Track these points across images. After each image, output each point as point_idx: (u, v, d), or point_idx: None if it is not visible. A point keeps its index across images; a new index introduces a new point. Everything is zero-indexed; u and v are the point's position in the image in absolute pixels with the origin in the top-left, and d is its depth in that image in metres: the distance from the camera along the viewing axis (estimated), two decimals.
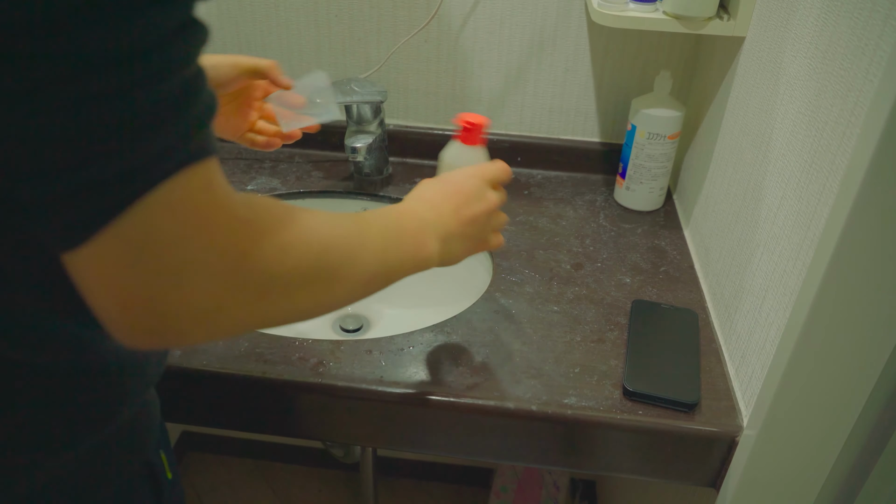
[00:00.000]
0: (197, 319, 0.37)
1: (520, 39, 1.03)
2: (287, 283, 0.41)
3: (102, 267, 0.34)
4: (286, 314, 0.43)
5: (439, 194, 0.59)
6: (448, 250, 0.58)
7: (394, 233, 0.53)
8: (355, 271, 0.47)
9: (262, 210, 0.40)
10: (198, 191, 0.36)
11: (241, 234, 0.38)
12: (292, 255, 0.41)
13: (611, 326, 0.79)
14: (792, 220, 0.63)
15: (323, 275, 0.44)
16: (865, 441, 0.60)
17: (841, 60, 0.56)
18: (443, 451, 0.75)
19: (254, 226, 0.39)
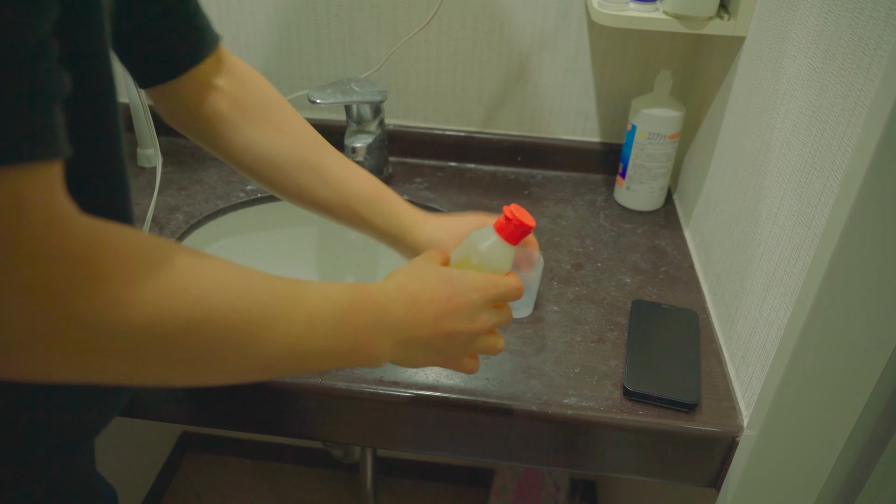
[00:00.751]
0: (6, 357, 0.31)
1: (520, 39, 1.03)
2: (132, 346, 0.33)
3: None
4: (130, 378, 0.35)
5: (428, 293, 0.50)
6: (406, 356, 0.50)
7: (331, 321, 0.44)
8: (247, 353, 0.39)
9: (120, 249, 0.32)
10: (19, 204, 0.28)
11: (60, 272, 0.30)
12: (143, 313, 0.33)
13: (611, 326, 0.79)
14: (792, 220, 0.63)
15: (193, 347, 0.36)
16: (866, 441, 0.60)
17: (842, 60, 0.56)
18: (443, 451, 0.75)
19: (88, 265, 0.31)
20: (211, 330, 0.36)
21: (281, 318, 0.41)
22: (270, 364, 0.41)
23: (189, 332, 0.35)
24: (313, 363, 0.44)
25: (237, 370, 0.40)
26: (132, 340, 0.33)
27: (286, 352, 0.41)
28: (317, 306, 0.43)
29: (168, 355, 0.35)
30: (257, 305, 0.39)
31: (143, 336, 0.33)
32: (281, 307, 0.41)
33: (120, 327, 0.32)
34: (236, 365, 0.39)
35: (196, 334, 0.36)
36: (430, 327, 0.49)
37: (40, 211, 0.29)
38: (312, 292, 0.44)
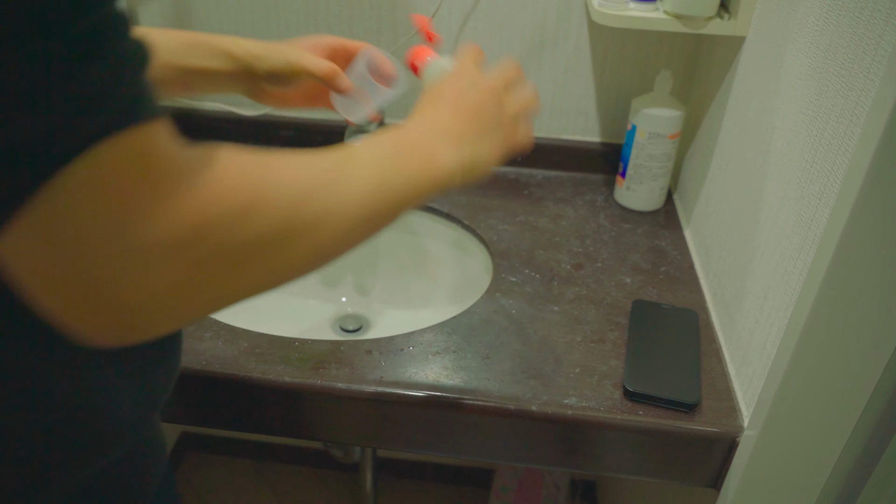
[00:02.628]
0: (157, 309, 0.32)
1: (520, 39, 1.03)
2: (259, 248, 0.35)
3: (28, 260, 0.30)
4: (266, 281, 0.38)
5: (428, 104, 0.52)
6: (470, 154, 0.50)
7: (391, 154, 0.45)
8: (344, 211, 0.40)
9: (222, 168, 0.34)
10: (129, 161, 0.30)
11: (193, 204, 0.32)
12: (262, 215, 0.35)
13: (611, 326, 0.79)
14: (793, 220, 0.63)
15: (303, 227, 0.38)
16: (866, 441, 0.60)
17: (842, 60, 0.56)
18: (443, 452, 0.75)
19: (210, 189, 0.33)
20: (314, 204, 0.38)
21: (357, 171, 0.42)
22: (369, 216, 0.42)
23: (298, 214, 0.37)
24: (403, 199, 0.45)
25: (349, 232, 0.41)
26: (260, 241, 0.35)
27: (376, 198, 0.42)
28: (371, 152, 0.45)
29: (290, 243, 0.37)
30: (335, 169, 0.41)
31: (268, 233, 0.35)
32: (351, 163, 0.43)
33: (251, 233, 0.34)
34: (345, 227, 0.40)
35: (305, 213, 0.38)
36: (457, 117, 0.51)
37: (163, 154, 0.31)
38: (358, 148, 0.45)
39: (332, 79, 0.65)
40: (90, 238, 0.29)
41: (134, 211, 0.30)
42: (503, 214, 0.99)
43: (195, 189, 0.32)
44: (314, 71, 0.65)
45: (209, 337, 0.76)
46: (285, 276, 0.39)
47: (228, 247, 0.34)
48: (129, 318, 0.32)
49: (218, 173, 0.34)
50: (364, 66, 0.69)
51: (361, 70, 0.69)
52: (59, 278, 0.30)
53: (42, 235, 0.29)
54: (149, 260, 0.31)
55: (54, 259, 0.29)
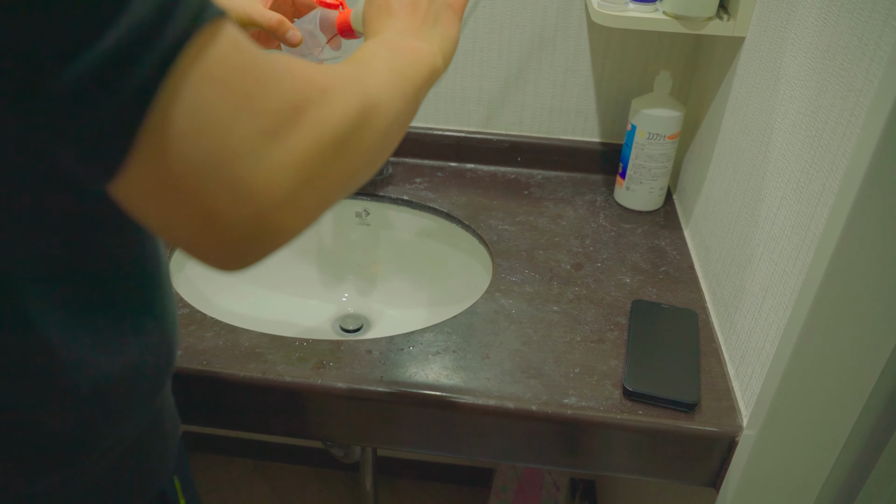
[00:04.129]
0: (290, 200, 0.33)
1: (520, 39, 1.03)
2: (350, 127, 0.37)
3: (159, 183, 0.29)
4: (363, 160, 0.39)
5: (373, 21, 0.56)
6: (438, 39, 0.54)
7: (388, 53, 0.49)
8: (389, 96, 0.43)
9: (289, 61, 0.36)
10: (219, 54, 0.30)
11: (288, 87, 0.33)
12: (339, 97, 0.37)
13: (611, 326, 0.79)
14: (792, 220, 0.63)
15: (370, 107, 0.40)
16: (865, 441, 0.60)
17: (841, 60, 0.56)
18: (443, 451, 0.75)
19: (293, 77, 0.34)
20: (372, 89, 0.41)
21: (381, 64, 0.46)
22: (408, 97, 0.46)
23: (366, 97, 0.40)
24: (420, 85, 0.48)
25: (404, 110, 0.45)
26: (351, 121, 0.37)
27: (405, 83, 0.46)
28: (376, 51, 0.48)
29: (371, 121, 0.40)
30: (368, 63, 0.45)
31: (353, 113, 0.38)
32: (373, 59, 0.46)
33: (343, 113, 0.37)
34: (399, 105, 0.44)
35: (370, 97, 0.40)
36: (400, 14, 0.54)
37: (249, 43, 0.32)
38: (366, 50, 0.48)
39: (278, 30, 0.66)
40: (220, 126, 0.30)
41: (244, 97, 0.31)
42: (503, 214, 0.99)
43: (285, 74, 0.34)
44: (260, 21, 0.66)
45: (209, 337, 0.76)
46: (375, 154, 0.41)
47: (328, 125, 0.35)
48: (266, 218, 0.32)
49: (291, 63, 0.35)
50: (317, 19, 0.69)
51: (314, 23, 0.69)
52: (194, 185, 0.30)
53: (175, 136, 0.29)
54: (275, 146, 0.32)
55: (188, 163, 0.29)
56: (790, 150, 0.65)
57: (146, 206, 0.31)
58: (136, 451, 0.47)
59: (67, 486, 0.43)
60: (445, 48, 0.54)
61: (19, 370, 0.38)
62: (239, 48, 0.31)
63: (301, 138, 0.33)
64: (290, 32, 0.67)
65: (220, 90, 0.30)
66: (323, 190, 0.36)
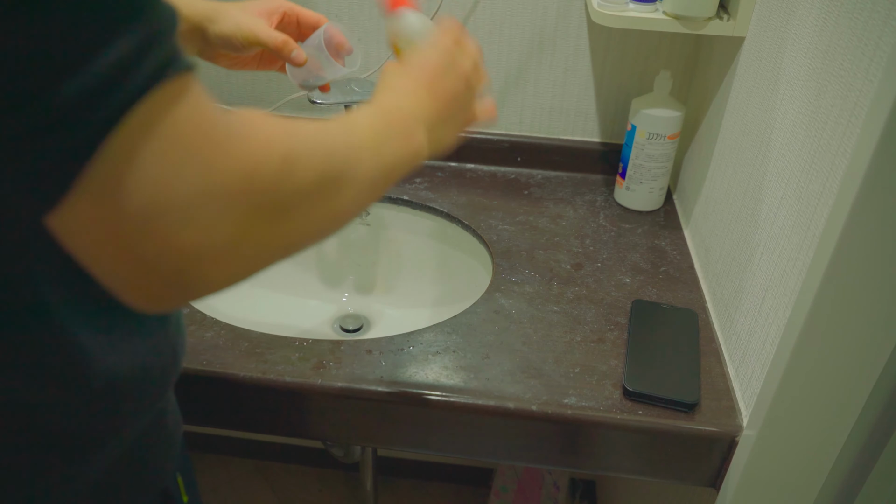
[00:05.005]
0: (216, 258, 0.33)
1: (520, 39, 1.03)
2: (301, 196, 0.37)
3: (94, 220, 0.30)
4: (305, 232, 0.39)
5: (408, 79, 0.54)
6: (436, 138, 0.53)
7: (383, 129, 0.48)
8: (359, 173, 0.43)
9: (256, 122, 0.36)
10: (178, 108, 0.31)
11: (242, 151, 0.34)
12: (299, 166, 0.37)
13: (611, 326, 0.80)
14: (792, 221, 0.63)
15: (331, 181, 0.40)
16: (865, 441, 0.60)
17: (841, 60, 0.56)
18: (443, 451, 0.75)
19: (252, 140, 0.34)
20: (336, 161, 0.41)
21: (361, 139, 0.45)
22: (372, 181, 0.45)
23: (326, 168, 0.40)
24: (392, 171, 0.47)
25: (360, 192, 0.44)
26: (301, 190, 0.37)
27: (376, 166, 0.45)
28: (367, 124, 0.47)
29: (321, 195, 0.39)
30: (345, 134, 0.44)
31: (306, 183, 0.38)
32: (355, 132, 0.45)
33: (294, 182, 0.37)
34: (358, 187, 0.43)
35: (331, 168, 0.40)
36: (434, 101, 0.53)
37: (206, 104, 0.33)
38: (355, 117, 0.48)
39: (283, 49, 0.67)
40: (153, 184, 0.30)
41: (193, 155, 0.31)
42: (503, 214, 0.99)
43: (242, 138, 0.34)
44: (266, 42, 0.66)
45: (209, 337, 0.76)
46: (320, 229, 0.41)
47: (276, 194, 0.35)
48: (188, 273, 0.33)
49: (256, 125, 0.35)
50: (321, 40, 0.69)
51: (318, 43, 0.69)
52: (121, 234, 0.31)
53: (109, 189, 0.29)
54: (207, 206, 0.32)
55: (118, 214, 0.30)
56: (790, 150, 0.65)
57: (76, 241, 0.32)
58: (140, 449, 0.48)
59: (71, 482, 0.43)
60: (439, 147, 0.54)
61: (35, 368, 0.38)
62: (198, 106, 0.32)
63: (242, 202, 0.33)
64: (295, 52, 0.67)
65: (168, 144, 0.31)
66: (257, 253, 0.36)
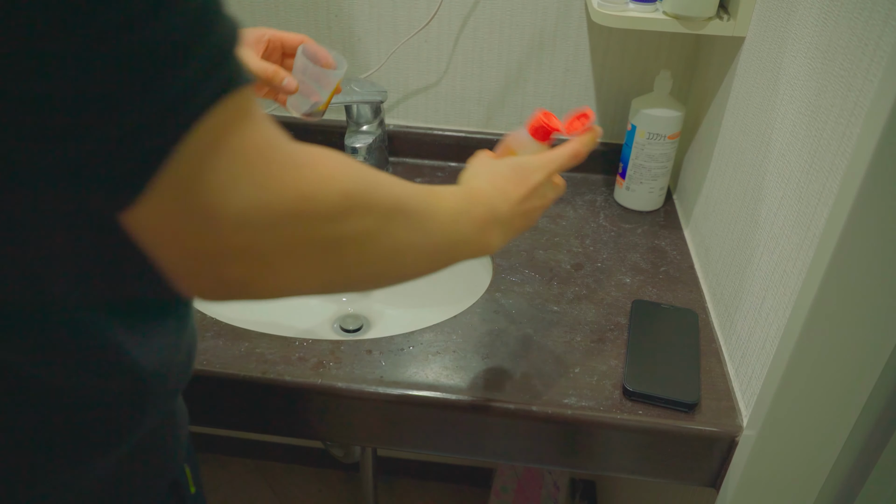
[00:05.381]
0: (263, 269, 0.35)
1: (520, 39, 1.03)
2: (356, 236, 0.39)
3: (161, 219, 0.33)
4: (357, 274, 0.40)
5: (511, 183, 0.58)
6: (505, 239, 0.57)
7: (463, 211, 0.50)
8: (423, 240, 0.44)
9: (320, 156, 0.37)
10: (243, 121, 0.33)
11: (296, 177, 0.35)
12: (361, 208, 0.38)
13: (611, 326, 0.79)
14: (792, 220, 0.63)
15: (392, 236, 0.41)
16: (865, 441, 0.60)
17: (841, 60, 0.56)
18: (443, 451, 0.75)
19: (309, 170, 0.36)
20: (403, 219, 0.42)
21: (438, 209, 0.46)
22: (433, 252, 0.46)
23: (390, 221, 0.41)
24: (456, 252, 0.50)
25: (419, 259, 0.45)
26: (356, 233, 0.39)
27: (444, 240, 0.47)
28: (451, 200, 0.49)
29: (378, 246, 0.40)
30: (423, 198, 0.45)
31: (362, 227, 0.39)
32: (434, 200, 0.46)
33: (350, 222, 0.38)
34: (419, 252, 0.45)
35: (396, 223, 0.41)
36: (518, 211, 0.57)
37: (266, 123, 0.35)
38: (441, 190, 0.49)
39: (274, 80, 0.69)
40: (213, 192, 0.33)
41: (250, 170, 0.33)
42: None
43: (299, 165, 0.36)
44: (257, 73, 0.68)
45: (210, 336, 0.76)
46: (376, 276, 0.42)
47: (330, 225, 0.37)
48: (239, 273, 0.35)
49: (319, 159, 0.37)
50: (304, 59, 0.71)
51: (304, 63, 0.71)
52: (182, 233, 0.33)
53: (175, 194, 0.32)
54: (260, 218, 0.34)
55: (182, 215, 0.33)
56: (790, 150, 0.65)
57: (146, 235, 0.34)
58: (154, 441, 0.49)
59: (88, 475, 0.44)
60: (496, 246, 0.56)
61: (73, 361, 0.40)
62: (260, 124, 0.34)
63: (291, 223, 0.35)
64: (286, 80, 0.70)
65: (230, 156, 0.33)
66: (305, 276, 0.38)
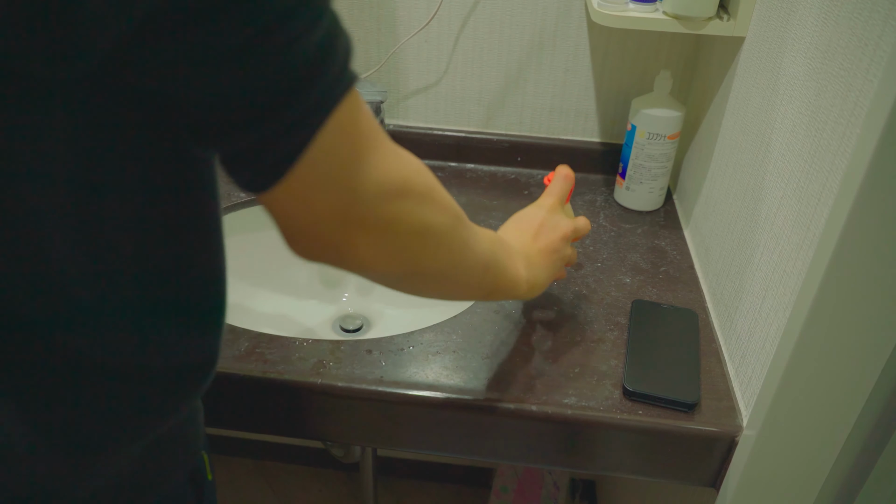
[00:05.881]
0: (366, 237, 0.41)
1: (520, 39, 1.03)
2: (437, 228, 0.45)
3: (297, 196, 0.38)
4: (431, 267, 0.47)
5: (521, 226, 0.68)
6: (533, 276, 0.64)
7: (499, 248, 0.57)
8: (479, 253, 0.52)
9: (408, 152, 0.44)
10: (357, 113, 0.39)
11: (400, 162, 0.42)
12: (438, 202, 0.45)
13: (611, 326, 0.79)
14: (792, 220, 0.63)
15: (460, 238, 0.48)
16: (865, 441, 0.60)
17: (841, 60, 0.56)
18: (443, 451, 0.75)
19: (409, 160, 0.43)
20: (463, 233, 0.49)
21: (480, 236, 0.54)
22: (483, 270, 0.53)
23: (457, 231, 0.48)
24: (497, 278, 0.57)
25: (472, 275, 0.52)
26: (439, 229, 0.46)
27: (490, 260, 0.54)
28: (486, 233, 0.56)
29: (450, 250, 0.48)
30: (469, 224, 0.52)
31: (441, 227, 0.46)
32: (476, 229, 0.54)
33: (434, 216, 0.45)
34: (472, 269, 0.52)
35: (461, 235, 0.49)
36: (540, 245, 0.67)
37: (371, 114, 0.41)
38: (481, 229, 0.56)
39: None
40: (341, 169, 0.39)
41: (366, 151, 0.40)
42: (503, 214, 0.99)
43: (399, 155, 0.43)
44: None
45: None
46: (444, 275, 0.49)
47: (421, 208, 0.44)
48: (349, 239, 0.41)
49: (408, 154, 0.44)
50: None
51: None
52: (315, 206, 0.39)
53: (312, 174, 0.38)
54: (372, 194, 0.40)
55: (316, 191, 0.38)
56: (790, 150, 0.65)
57: (278, 207, 0.40)
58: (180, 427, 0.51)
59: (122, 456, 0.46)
60: (532, 287, 0.64)
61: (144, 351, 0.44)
62: (368, 116, 0.40)
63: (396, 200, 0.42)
64: None
65: (352, 143, 0.39)
66: (395, 252, 0.43)
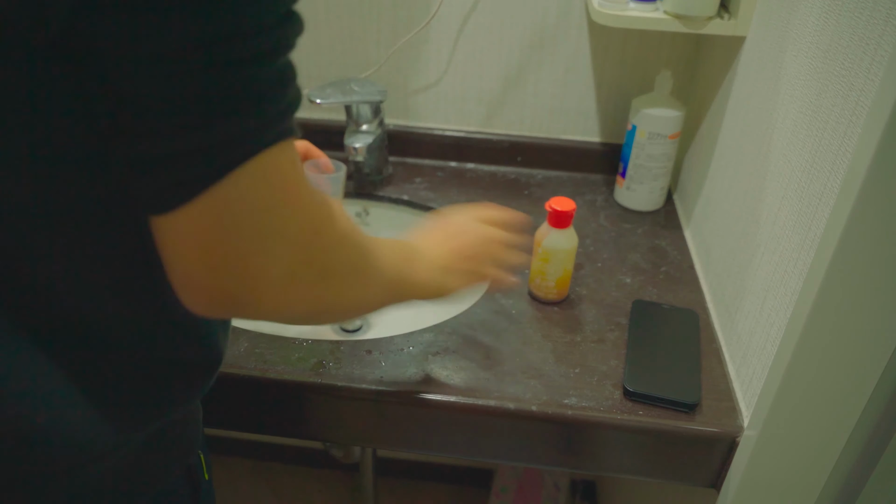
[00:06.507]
0: (270, 287, 0.40)
1: (520, 39, 1.03)
2: (342, 270, 0.45)
3: (195, 229, 0.36)
4: (338, 303, 0.46)
5: (428, 231, 0.66)
6: (438, 279, 0.61)
7: (398, 252, 0.57)
8: (383, 275, 0.51)
9: (325, 197, 0.43)
10: (287, 164, 0.38)
11: (317, 213, 0.41)
12: (347, 245, 0.45)
13: (611, 326, 0.79)
14: (793, 221, 0.63)
15: (364, 270, 0.48)
16: (866, 442, 0.60)
17: (842, 60, 0.56)
18: (443, 451, 0.75)
19: (324, 208, 0.42)
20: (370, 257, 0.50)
21: (384, 250, 0.54)
22: (390, 285, 0.53)
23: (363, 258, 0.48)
24: (404, 288, 0.56)
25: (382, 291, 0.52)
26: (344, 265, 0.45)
27: (394, 276, 0.54)
28: (388, 243, 0.56)
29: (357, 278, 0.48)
30: (374, 241, 0.52)
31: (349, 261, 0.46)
32: (379, 243, 0.54)
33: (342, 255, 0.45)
34: (381, 285, 0.52)
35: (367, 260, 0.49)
36: (442, 248, 0.63)
37: (300, 168, 0.40)
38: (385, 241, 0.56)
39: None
40: (251, 215, 0.37)
41: (284, 203, 0.38)
42: None
43: (318, 205, 0.41)
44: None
45: None
46: (350, 304, 0.48)
47: (327, 257, 0.43)
48: (247, 290, 0.39)
49: (326, 200, 0.43)
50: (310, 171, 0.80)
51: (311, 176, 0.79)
52: (212, 245, 0.37)
53: (218, 210, 0.36)
54: (280, 244, 0.39)
55: (217, 229, 0.36)
56: (791, 149, 0.65)
57: (170, 240, 0.38)
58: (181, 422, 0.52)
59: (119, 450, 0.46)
60: (440, 290, 0.61)
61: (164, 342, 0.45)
62: (297, 170, 0.39)
63: (303, 252, 0.41)
64: None
65: (269, 190, 0.37)
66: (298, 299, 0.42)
